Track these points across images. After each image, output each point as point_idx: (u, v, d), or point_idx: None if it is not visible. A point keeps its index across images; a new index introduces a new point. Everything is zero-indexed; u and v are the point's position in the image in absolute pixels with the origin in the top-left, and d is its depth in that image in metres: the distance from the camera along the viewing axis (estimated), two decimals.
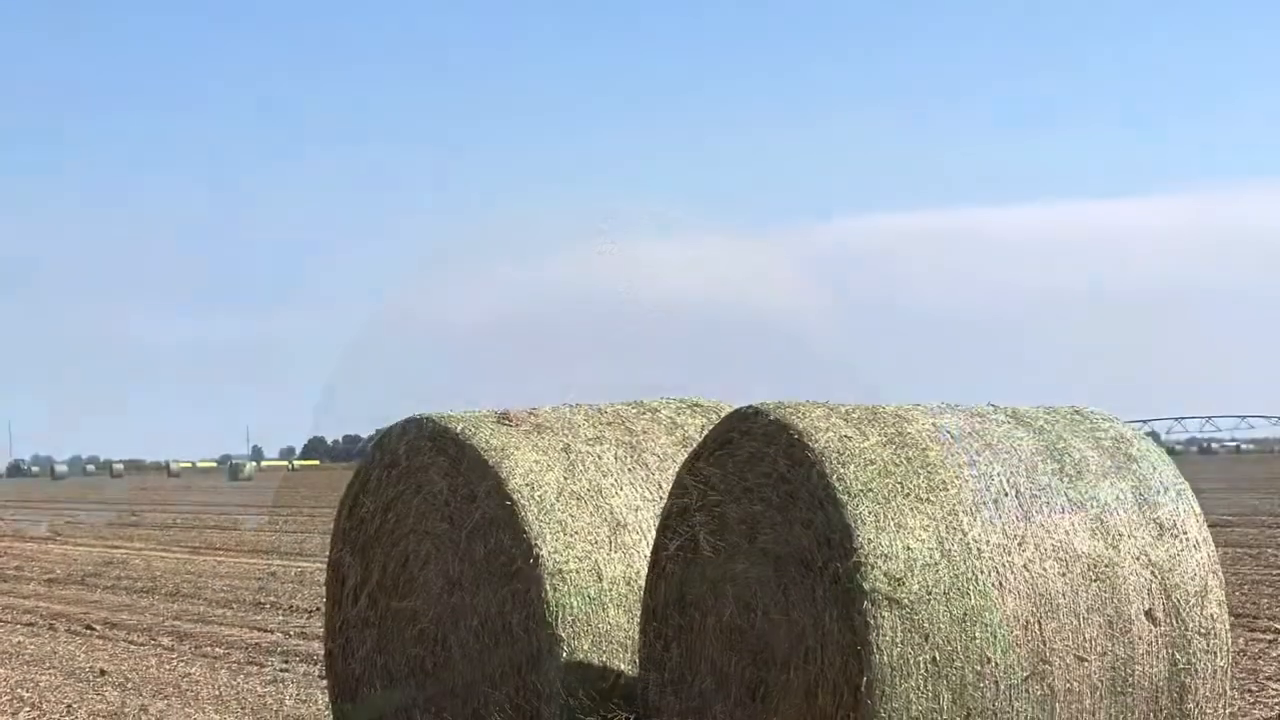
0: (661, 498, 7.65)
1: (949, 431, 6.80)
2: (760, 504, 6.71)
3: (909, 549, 6.34)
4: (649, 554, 7.31)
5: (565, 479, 7.64)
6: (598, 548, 7.49)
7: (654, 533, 7.34)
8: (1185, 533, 6.79)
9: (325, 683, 9.06)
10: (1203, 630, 6.69)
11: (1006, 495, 6.62)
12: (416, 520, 7.95)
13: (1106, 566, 6.60)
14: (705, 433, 7.20)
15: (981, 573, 6.41)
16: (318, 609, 17.80)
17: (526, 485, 7.53)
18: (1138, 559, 6.66)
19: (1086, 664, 6.49)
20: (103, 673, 13.98)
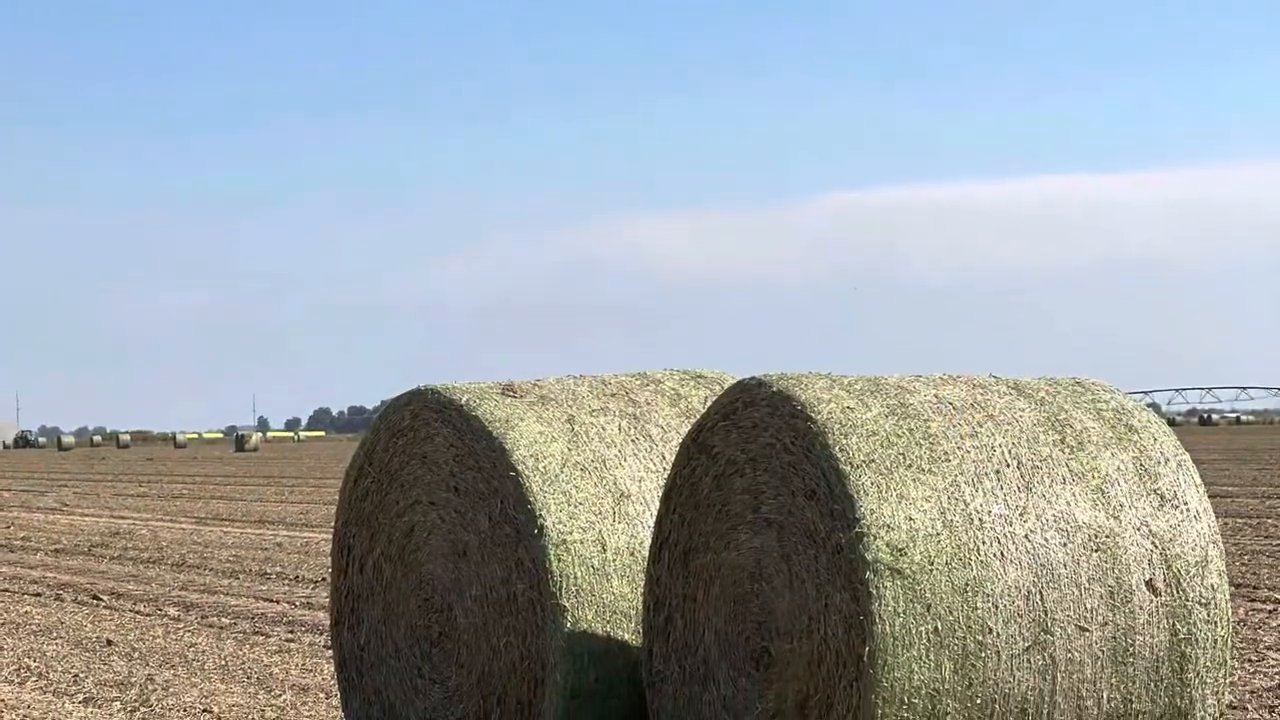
0: (665, 469, 7.69)
1: (951, 403, 6.82)
2: (763, 475, 6.74)
3: (911, 520, 6.37)
4: (652, 524, 7.35)
5: (569, 450, 7.67)
6: (601, 518, 7.53)
7: (657, 503, 7.38)
8: (1186, 503, 6.82)
9: (331, 652, 9.11)
10: (1203, 600, 6.72)
11: (1008, 466, 6.64)
12: (422, 491, 7.99)
13: (1107, 537, 6.63)
14: (709, 404, 7.23)
15: (983, 543, 6.44)
16: (323, 579, 17.89)
17: (531, 456, 7.57)
18: (1139, 529, 6.69)
19: (1088, 634, 6.53)
20: (109, 642, 14.05)
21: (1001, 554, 6.44)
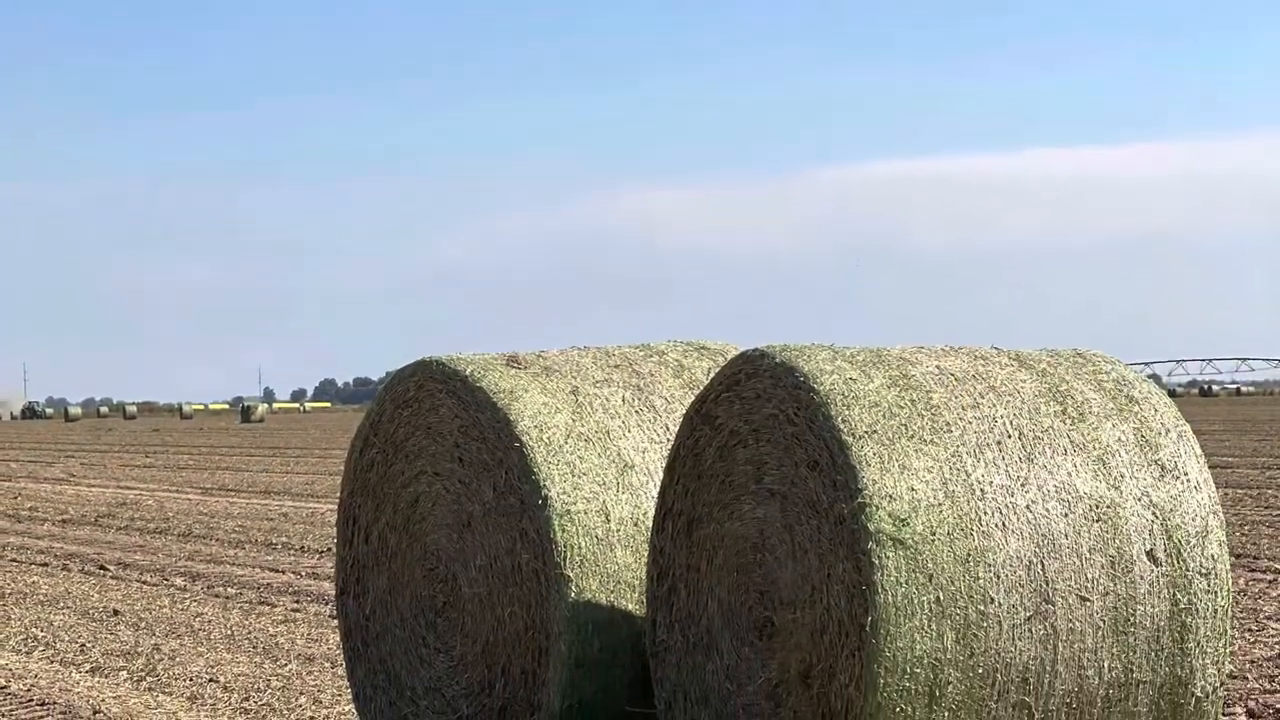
0: (668, 439, 7.72)
1: (953, 374, 6.84)
2: (766, 445, 6.77)
3: (913, 490, 6.40)
4: (656, 495, 7.38)
5: (573, 421, 7.70)
6: (605, 489, 7.57)
7: (661, 474, 7.41)
8: (1186, 474, 6.84)
9: (336, 622, 9.16)
10: (1203, 570, 6.75)
11: (1010, 437, 6.67)
12: (427, 461, 8.02)
13: (1108, 507, 6.66)
14: (712, 375, 7.26)
15: (985, 514, 6.47)
16: (328, 550, 17.95)
17: (535, 427, 7.60)
18: (1139, 500, 6.72)
19: (1089, 604, 6.56)
20: (116, 612, 14.11)
21: (1003, 524, 6.47)
